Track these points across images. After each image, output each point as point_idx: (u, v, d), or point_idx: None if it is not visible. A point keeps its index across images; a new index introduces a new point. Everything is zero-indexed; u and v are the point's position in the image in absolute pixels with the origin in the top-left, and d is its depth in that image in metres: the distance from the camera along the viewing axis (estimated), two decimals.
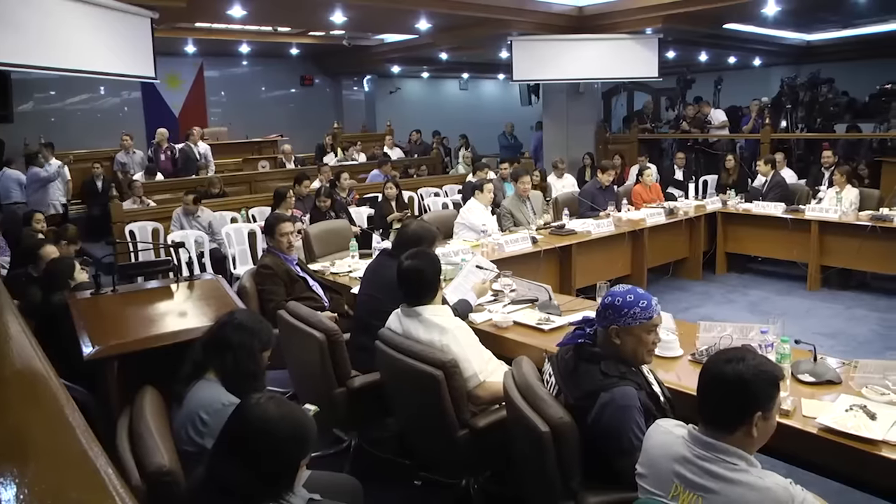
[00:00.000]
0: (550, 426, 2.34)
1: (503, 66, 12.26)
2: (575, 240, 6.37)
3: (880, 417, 2.60)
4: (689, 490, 1.86)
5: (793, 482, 1.83)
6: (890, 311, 6.60)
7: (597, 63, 10.18)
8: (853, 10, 10.00)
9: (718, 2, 8.70)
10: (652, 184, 8.43)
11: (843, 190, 7.49)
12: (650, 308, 2.45)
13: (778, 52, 14.63)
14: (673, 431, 1.99)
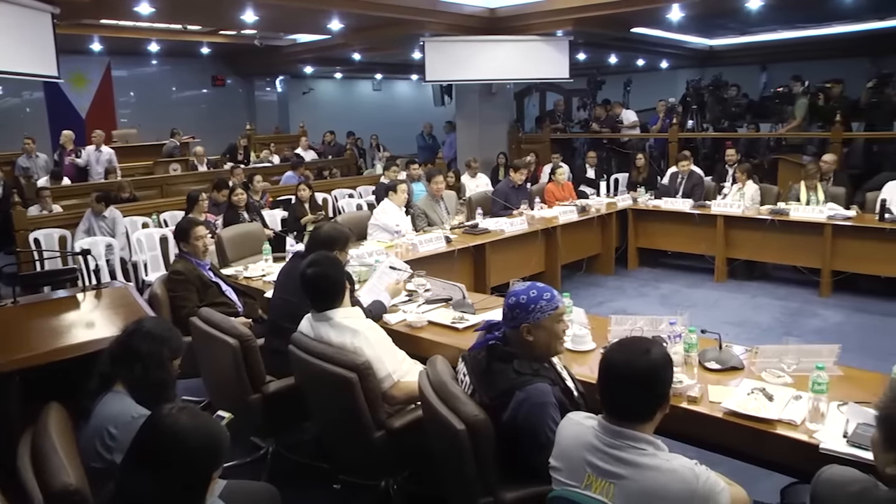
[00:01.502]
0: (466, 424, 2.35)
1: (416, 66, 12.28)
2: (488, 238, 6.43)
3: (777, 398, 2.74)
4: (601, 478, 1.90)
5: (698, 463, 1.90)
6: (789, 299, 6.94)
7: (509, 64, 10.29)
8: (748, 19, 10.47)
9: (626, 6, 8.91)
10: (564, 182, 8.57)
11: (744, 186, 7.83)
12: (554, 299, 2.49)
13: (683, 56, 15.17)
14: (583, 423, 2.03)
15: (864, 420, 2.43)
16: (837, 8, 9.45)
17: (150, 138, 13.07)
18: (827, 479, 1.79)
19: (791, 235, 7.08)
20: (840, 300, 6.84)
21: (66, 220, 7.73)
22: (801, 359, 3.05)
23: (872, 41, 12.77)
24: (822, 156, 8.28)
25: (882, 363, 2.82)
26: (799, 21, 12.17)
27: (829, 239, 6.81)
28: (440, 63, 10.22)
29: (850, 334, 5.93)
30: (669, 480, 1.83)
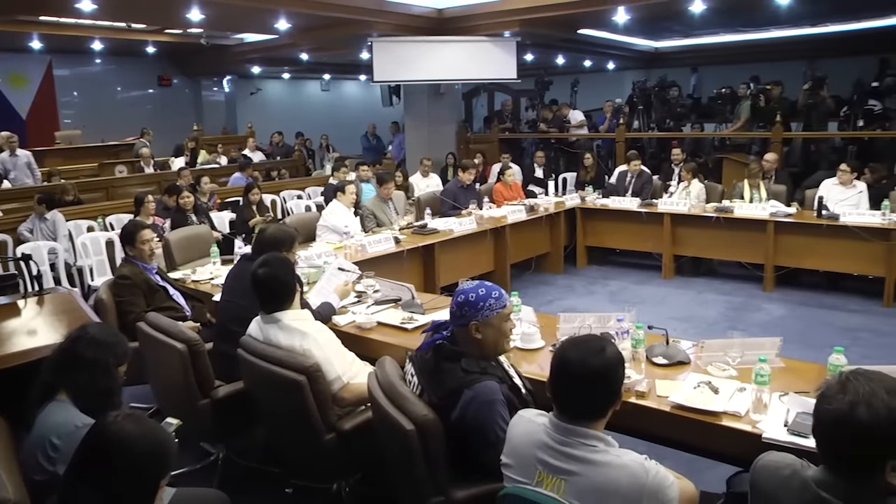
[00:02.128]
0: (415, 424, 2.35)
1: (365, 66, 12.25)
2: (437, 238, 6.43)
3: (722, 391, 2.81)
4: (553, 475, 1.92)
5: (648, 457, 1.93)
6: (734, 294, 7.11)
7: (457, 64, 10.30)
8: (692, 23, 10.68)
9: (572, 8, 8.99)
10: (513, 182, 8.62)
11: (689, 184, 7.98)
12: (502, 297, 2.51)
13: (630, 57, 15.39)
14: (535, 420, 2.04)
15: (803, 409, 2.50)
16: (775, 13, 9.72)
17: (94, 139, 12.75)
18: (763, 465, 1.84)
19: (735, 232, 7.24)
20: (782, 294, 7.03)
21: (5, 224, 7.52)
22: (744, 352, 3.12)
23: (808, 45, 13.22)
24: (764, 155, 8.49)
25: (821, 354, 2.91)
26: (739, 25, 12.48)
27: (772, 235, 6.98)
28: (388, 63, 10.18)
29: (792, 327, 6.11)
30: (620, 476, 1.86)
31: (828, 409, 1.62)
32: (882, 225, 6.51)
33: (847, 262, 6.81)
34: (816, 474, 1.68)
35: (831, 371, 2.79)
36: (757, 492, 1.83)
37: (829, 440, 1.64)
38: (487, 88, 13.67)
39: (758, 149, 10.04)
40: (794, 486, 1.71)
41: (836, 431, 1.60)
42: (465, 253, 6.81)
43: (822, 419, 1.64)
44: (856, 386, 1.61)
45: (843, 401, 1.59)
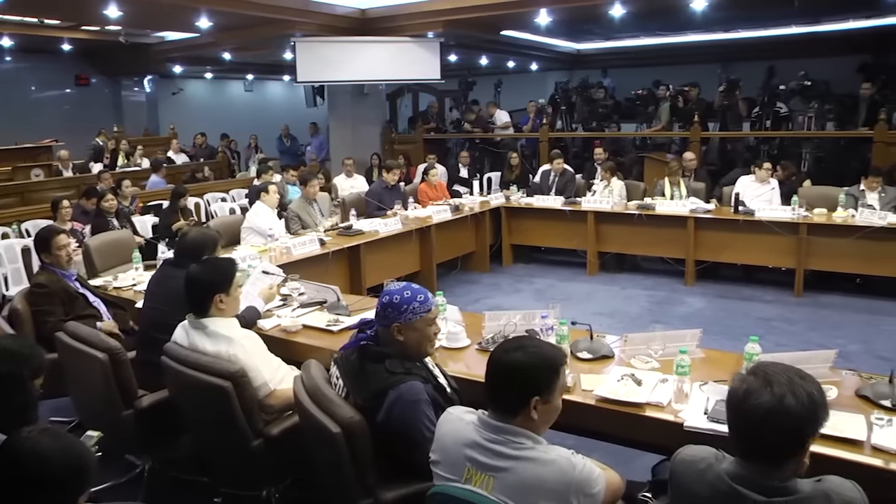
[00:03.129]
0: (341, 426, 2.33)
1: (288, 67, 12.04)
2: (363, 239, 6.41)
3: (645, 383, 2.87)
4: (481, 472, 1.93)
5: (575, 452, 1.96)
6: (657, 289, 7.30)
7: (381, 65, 10.27)
8: (612, 26, 10.90)
9: (495, 10, 9.06)
10: (438, 182, 8.65)
11: (610, 183, 8.14)
12: (427, 301, 2.51)
13: (552, 59, 15.58)
14: (463, 418, 2.05)
15: (722, 397, 2.56)
16: (690, 19, 10.01)
17: (6, 141, 12.12)
18: (681, 459, 1.89)
19: (657, 229, 7.43)
20: (703, 288, 7.25)
21: None
22: (666, 344, 3.20)
23: (722, 49, 13.67)
24: (684, 154, 8.76)
25: (739, 343, 3.00)
26: (658, 29, 12.81)
27: (692, 231, 7.19)
28: (312, 64, 10.09)
29: (712, 319, 6.32)
30: (547, 471, 1.89)
31: (757, 405, 1.65)
32: (793, 220, 6.79)
33: (762, 255, 7.08)
34: (729, 467, 1.74)
35: (747, 359, 2.89)
36: (676, 484, 1.88)
37: (755, 434, 1.68)
38: (412, 89, 13.68)
39: (677, 148, 10.37)
40: (709, 480, 1.77)
41: (766, 425, 1.65)
42: (391, 254, 6.79)
43: (749, 415, 1.67)
44: (777, 377, 1.67)
45: (772, 393, 1.64)
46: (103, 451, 1.88)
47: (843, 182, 7.64)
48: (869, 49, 12.12)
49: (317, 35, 9.95)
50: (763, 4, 9.72)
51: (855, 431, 2.45)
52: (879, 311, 6.44)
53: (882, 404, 2.68)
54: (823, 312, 6.48)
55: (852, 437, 2.41)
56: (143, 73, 15.90)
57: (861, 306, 6.60)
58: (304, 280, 4.45)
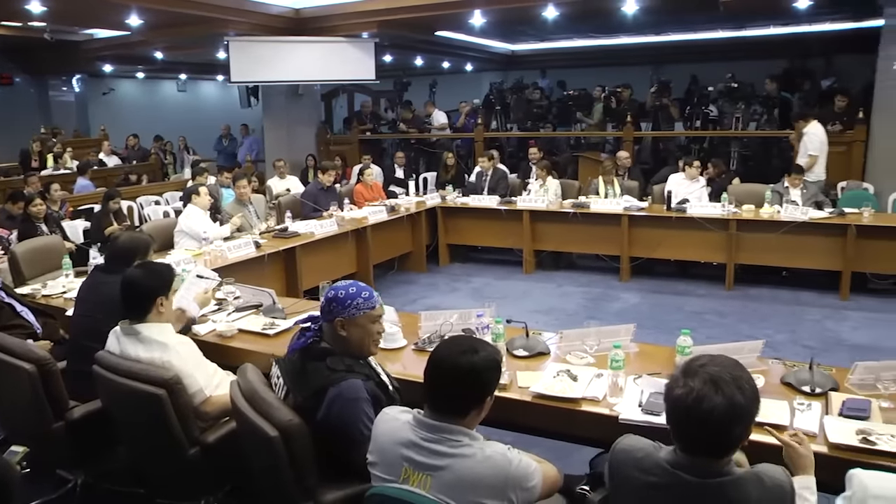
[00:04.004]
0: (279, 429, 2.29)
1: (222, 66, 11.84)
2: (299, 242, 6.34)
3: (581, 378, 2.92)
4: (419, 471, 1.94)
5: (511, 447, 1.98)
6: (592, 286, 7.39)
7: (315, 65, 10.22)
8: (546, 28, 11.04)
9: (429, 11, 9.10)
10: (373, 182, 8.62)
11: (545, 182, 8.24)
12: (372, 298, 2.50)
13: (487, 59, 15.71)
14: (399, 418, 2.05)
15: (655, 389, 2.63)
16: (621, 22, 10.21)
17: None
18: (620, 449, 1.92)
19: (592, 226, 7.54)
20: (638, 283, 7.38)
21: None
22: (601, 339, 3.25)
23: (653, 51, 14.02)
24: (617, 153, 8.92)
25: (673, 337, 3.06)
26: (591, 31, 13.03)
27: (626, 228, 7.30)
28: (245, 63, 9.97)
29: (647, 313, 6.45)
30: (484, 468, 1.90)
31: (711, 409, 1.68)
32: (723, 216, 6.98)
33: (694, 250, 7.26)
34: (668, 456, 1.79)
35: (679, 352, 2.96)
36: (614, 473, 1.91)
37: (707, 435, 1.71)
38: (347, 89, 13.63)
39: (611, 147, 10.55)
40: (646, 467, 1.81)
41: (720, 426, 1.68)
42: (327, 255, 6.74)
43: (704, 420, 1.69)
44: (722, 377, 1.71)
45: (724, 395, 1.68)
46: (32, 467, 1.78)
47: (768, 180, 7.89)
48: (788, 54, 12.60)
49: (250, 34, 9.84)
50: (690, 10, 9.95)
51: (779, 417, 2.55)
52: (804, 302, 6.67)
53: (803, 390, 2.80)
54: (752, 304, 6.68)
55: (777, 423, 2.50)
56: (72, 72, 15.37)
57: (787, 298, 6.83)
58: (240, 283, 4.38)
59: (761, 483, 1.73)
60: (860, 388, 2.82)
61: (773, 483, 1.73)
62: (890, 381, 2.77)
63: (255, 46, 9.93)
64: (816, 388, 2.79)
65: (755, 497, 1.70)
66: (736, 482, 1.72)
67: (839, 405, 2.64)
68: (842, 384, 2.84)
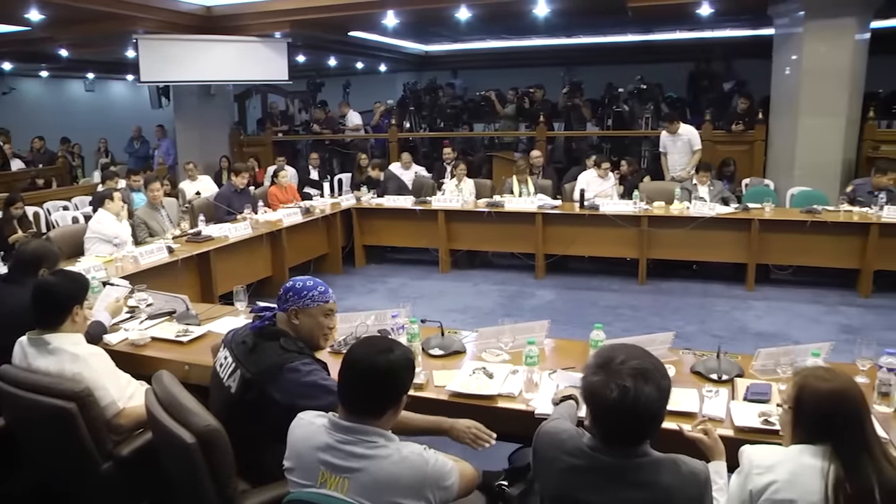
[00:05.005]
0: (197, 436, 2.23)
1: (132, 65, 11.42)
2: (213, 246, 6.20)
3: (497, 375, 2.95)
4: (335, 474, 1.92)
5: (427, 447, 1.99)
6: (508, 283, 7.46)
7: (227, 65, 10.02)
8: (459, 29, 11.09)
9: (342, 11, 9.03)
10: (288, 184, 8.52)
11: (461, 182, 8.28)
12: (327, 293, 2.58)
13: (401, 60, 15.71)
14: (315, 422, 2.03)
15: (570, 383, 2.66)
16: (533, 24, 10.36)
17: None
18: (545, 431, 1.98)
19: (507, 225, 7.61)
20: (553, 280, 7.49)
21: None
22: (516, 336, 3.30)
23: (565, 53, 14.27)
24: (530, 152, 9.02)
25: (588, 332, 3.10)
26: (503, 32, 13.17)
27: (541, 226, 7.41)
28: (156, 63, 9.69)
29: (562, 309, 6.57)
30: (401, 468, 1.91)
31: (635, 402, 1.73)
32: (634, 213, 7.15)
33: (607, 247, 7.41)
34: (590, 441, 1.84)
35: (593, 346, 3.01)
36: (539, 456, 1.96)
37: (627, 428, 1.78)
38: (260, 90, 13.39)
39: (524, 147, 10.68)
40: (569, 449, 1.87)
41: (638, 418, 1.75)
42: (242, 259, 6.61)
43: (624, 414, 1.74)
44: (641, 364, 1.78)
45: (652, 382, 1.75)
46: None
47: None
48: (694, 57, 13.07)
49: (160, 32, 9.57)
50: (600, 14, 10.16)
51: (689, 404, 2.65)
52: (713, 294, 6.92)
53: (711, 378, 2.92)
54: (664, 298, 6.88)
55: (687, 410, 2.61)
56: None
57: (697, 290, 7.06)
58: (152, 290, 4.26)
59: (677, 469, 1.79)
60: (762, 374, 2.97)
61: (688, 470, 1.80)
62: (787, 366, 2.90)
63: (165, 45, 9.66)
64: (723, 375, 2.91)
65: (668, 481, 1.77)
66: (653, 464, 1.79)
67: (744, 390, 2.77)
68: (746, 370, 2.98)
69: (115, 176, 8.46)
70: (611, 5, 8.57)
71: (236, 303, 4.03)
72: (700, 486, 1.80)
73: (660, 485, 1.76)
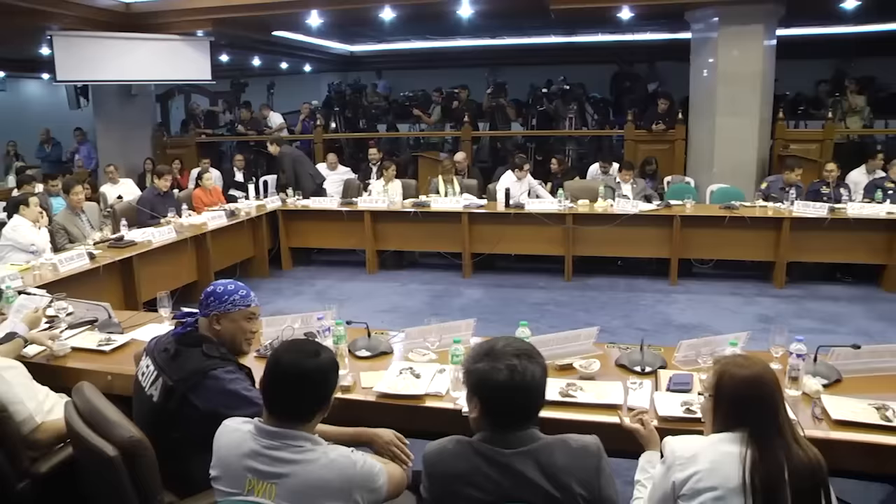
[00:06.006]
0: (120, 448, 2.15)
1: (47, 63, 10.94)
2: (136, 251, 6.03)
3: (424, 375, 2.97)
4: (263, 480, 1.90)
5: (354, 450, 1.99)
6: (436, 283, 7.50)
7: (148, 64, 9.74)
8: (383, 29, 11.05)
9: (265, 10, 8.92)
10: (212, 186, 8.36)
11: (388, 182, 8.26)
12: (248, 297, 2.56)
13: (326, 60, 15.58)
14: (240, 428, 2.01)
15: None
16: (457, 25, 10.40)
17: None
18: (429, 449, 1.96)
19: (434, 225, 7.64)
20: (480, 279, 7.56)
21: None
22: (442, 336, 3.31)
23: (489, 54, 14.36)
24: (456, 153, 9.05)
25: (514, 329, 3.12)
26: (428, 34, 13.19)
27: (467, 226, 7.46)
28: (72, 61, 9.33)
29: (489, 307, 6.63)
30: (328, 471, 1.90)
31: (532, 373, 1.84)
32: (559, 211, 7.27)
33: (534, 245, 7.52)
34: (477, 437, 1.89)
35: None
36: (429, 474, 1.94)
37: (524, 400, 1.85)
38: (184, 90, 13.07)
39: (450, 147, 10.72)
40: (461, 452, 1.89)
41: (535, 388, 1.84)
42: (167, 264, 6.47)
43: (525, 384, 1.83)
44: (521, 346, 1.90)
45: (535, 360, 1.86)
46: None
47: None
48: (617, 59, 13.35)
49: (77, 30, 9.20)
50: (524, 15, 10.26)
51: (615, 397, 2.72)
52: (638, 289, 7.10)
53: (635, 370, 3.00)
54: (591, 293, 7.00)
55: (612, 403, 2.68)
56: None
57: (622, 285, 7.23)
58: (72, 298, 4.12)
59: (567, 446, 1.87)
60: (684, 364, 3.06)
61: (578, 444, 1.88)
62: (708, 356, 2.99)
63: (82, 43, 9.32)
64: (647, 367, 2.99)
65: (562, 460, 1.83)
66: (546, 447, 1.85)
67: (667, 381, 2.85)
68: (669, 362, 3.07)
69: (31, 180, 8.14)
70: (534, 7, 8.66)
71: (160, 309, 3.89)
72: (594, 458, 1.87)
73: (556, 465, 1.82)
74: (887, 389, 2.78)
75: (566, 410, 2.67)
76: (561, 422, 2.54)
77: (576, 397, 2.72)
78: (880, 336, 5.52)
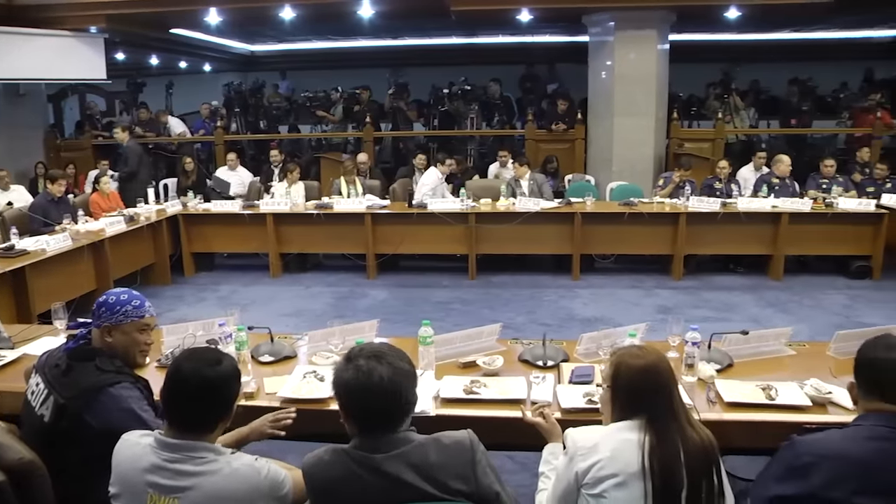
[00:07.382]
0: (8, 471, 2.06)
1: None
2: (28, 260, 5.76)
3: (328, 378, 2.88)
4: (164, 495, 1.86)
5: (259, 458, 1.97)
6: (340, 285, 7.48)
7: (38, 62, 9.23)
8: (283, 28, 10.89)
9: (162, 6, 8.71)
10: (110, 191, 8.06)
11: (292, 184, 8.16)
12: (142, 307, 2.44)
13: (226, 60, 15.32)
14: (140, 442, 1.96)
15: None
16: (358, 26, 10.36)
17: None
18: (306, 462, 1.94)
19: (337, 226, 7.61)
20: (385, 279, 7.58)
21: None
22: (345, 338, 3.31)
23: (392, 54, 14.43)
24: (358, 154, 9.02)
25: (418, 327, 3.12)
26: (330, 34, 13.09)
27: (370, 226, 7.46)
28: None
29: (394, 308, 6.66)
30: (233, 482, 1.88)
31: (380, 374, 1.84)
32: (462, 210, 7.37)
33: (438, 244, 7.60)
34: (351, 444, 1.89)
35: (421, 342, 3.06)
36: (309, 485, 1.92)
37: (376, 401, 1.84)
38: (78, 90, 12.50)
39: (352, 148, 10.70)
40: (336, 460, 1.88)
41: (385, 388, 1.83)
42: (63, 274, 6.19)
43: (371, 384, 1.83)
44: (378, 349, 1.92)
45: (386, 361, 1.86)
46: None
47: None
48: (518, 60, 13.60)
49: None
50: (424, 16, 10.31)
51: (518, 391, 2.78)
52: (541, 285, 7.25)
53: (538, 364, 3.07)
54: (495, 291, 7.11)
55: (516, 397, 2.73)
56: None
57: (526, 282, 7.37)
58: None
59: (440, 444, 1.89)
60: (586, 357, 3.15)
61: (450, 440, 1.90)
62: (608, 348, 3.09)
63: None
64: (549, 361, 3.07)
65: (435, 458, 1.85)
66: (419, 447, 1.87)
67: (569, 374, 2.92)
68: (571, 355, 3.16)
69: None
70: (434, 8, 8.72)
71: (56, 322, 3.70)
72: (467, 451, 1.89)
73: (430, 464, 1.84)
74: (772, 370, 3.02)
75: (470, 407, 2.70)
76: (465, 419, 2.57)
77: (479, 394, 2.76)
78: (768, 321, 5.82)
